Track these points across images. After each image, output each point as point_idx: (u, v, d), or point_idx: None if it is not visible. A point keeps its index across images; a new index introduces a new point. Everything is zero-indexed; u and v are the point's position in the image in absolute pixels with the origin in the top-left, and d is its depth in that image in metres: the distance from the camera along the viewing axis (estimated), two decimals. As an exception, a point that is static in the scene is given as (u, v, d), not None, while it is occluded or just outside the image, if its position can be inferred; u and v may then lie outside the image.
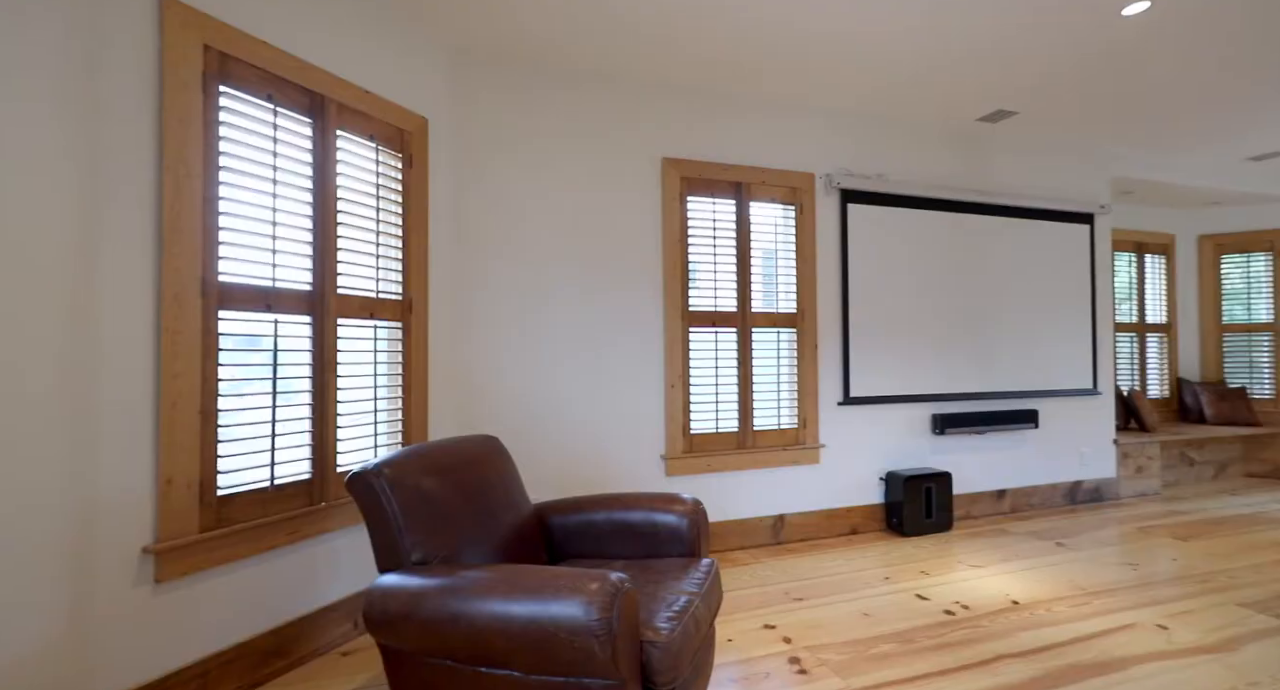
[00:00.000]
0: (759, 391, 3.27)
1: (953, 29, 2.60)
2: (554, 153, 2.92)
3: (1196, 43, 2.75)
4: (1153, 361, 5.17)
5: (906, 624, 2.29)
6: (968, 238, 3.75)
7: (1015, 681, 1.89)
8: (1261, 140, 4.08)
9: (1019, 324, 3.88)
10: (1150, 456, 4.31)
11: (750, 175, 3.23)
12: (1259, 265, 5.12)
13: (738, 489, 3.20)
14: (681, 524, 1.89)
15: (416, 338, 2.47)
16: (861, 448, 3.47)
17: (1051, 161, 4.04)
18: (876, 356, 3.49)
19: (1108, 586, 2.63)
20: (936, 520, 3.41)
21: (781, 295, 3.34)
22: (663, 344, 3.07)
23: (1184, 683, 1.87)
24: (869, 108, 3.46)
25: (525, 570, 1.36)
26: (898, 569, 2.86)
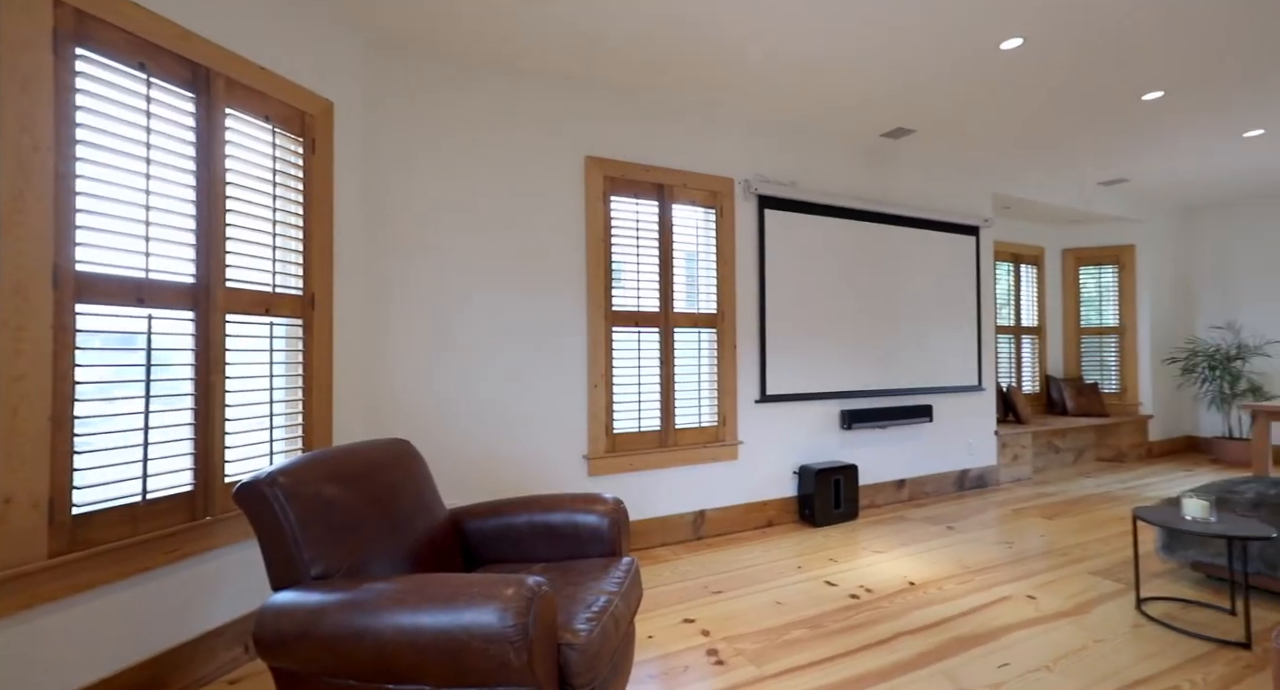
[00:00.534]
0: (680, 390, 3.33)
1: (857, 51, 2.78)
2: (475, 146, 2.82)
3: (1060, 79, 3.10)
4: (1026, 360, 5.78)
5: (816, 610, 2.41)
6: (872, 245, 4.02)
7: (910, 656, 2.04)
8: (1109, 168, 4.68)
9: (916, 326, 4.21)
10: (1024, 445, 4.82)
11: (673, 177, 3.29)
12: (1108, 276, 5.88)
13: (660, 487, 3.24)
14: (602, 524, 1.89)
15: (320, 336, 2.30)
16: (777, 443, 3.63)
17: (944, 177, 4.42)
18: (791, 356, 3.66)
19: (988, 564, 2.91)
20: (844, 510, 3.62)
21: (703, 296, 3.43)
22: (586, 344, 3.06)
23: (1048, 645, 2.10)
24: (785, 118, 3.62)
25: (437, 579, 1.30)
26: (809, 558, 3.02)
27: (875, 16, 2.51)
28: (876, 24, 2.56)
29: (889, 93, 3.26)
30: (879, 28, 2.59)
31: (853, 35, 2.65)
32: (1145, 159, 4.46)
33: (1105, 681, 1.88)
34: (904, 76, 3.06)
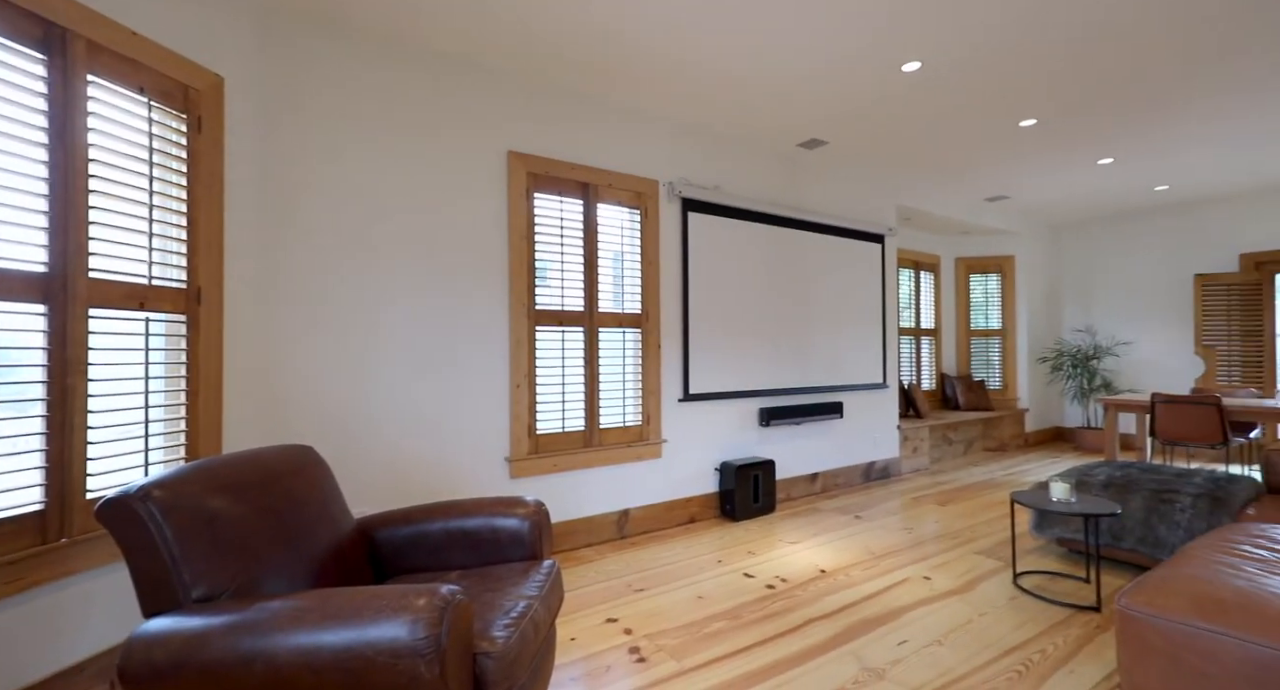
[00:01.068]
0: (605, 390, 3.33)
1: (775, 66, 2.90)
2: (391, 135, 2.67)
3: (953, 101, 3.39)
4: (925, 359, 6.28)
5: (735, 602, 2.49)
6: (789, 249, 4.20)
7: (821, 640, 2.15)
8: (994, 186, 5.17)
9: (829, 327, 4.45)
10: (922, 438, 5.23)
11: (598, 177, 3.28)
12: (993, 283, 6.50)
13: (584, 487, 3.22)
14: (523, 527, 1.85)
15: (208, 333, 2.09)
16: (699, 441, 3.71)
17: (854, 188, 4.71)
18: (714, 355, 3.76)
19: (891, 549, 3.13)
20: (763, 504, 3.77)
21: (627, 296, 3.44)
22: (508, 343, 2.98)
23: (941, 621, 2.29)
24: (710, 125, 3.71)
25: (341, 593, 1.22)
26: (729, 551, 3.11)
27: (791, 37, 2.62)
28: (792, 43, 2.68)
29: (803, 106, 3.42)
30: (795, 47, 2.72)
31: (772, 53, 2.76)
32: (1022, 179, 4.98)
33: (987, 650, 2.07)
34: (816, 92, 3.23)
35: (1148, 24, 2.60)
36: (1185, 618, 1.63)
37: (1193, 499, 2.60)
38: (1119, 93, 3.29)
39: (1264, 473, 2.87)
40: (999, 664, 1.98)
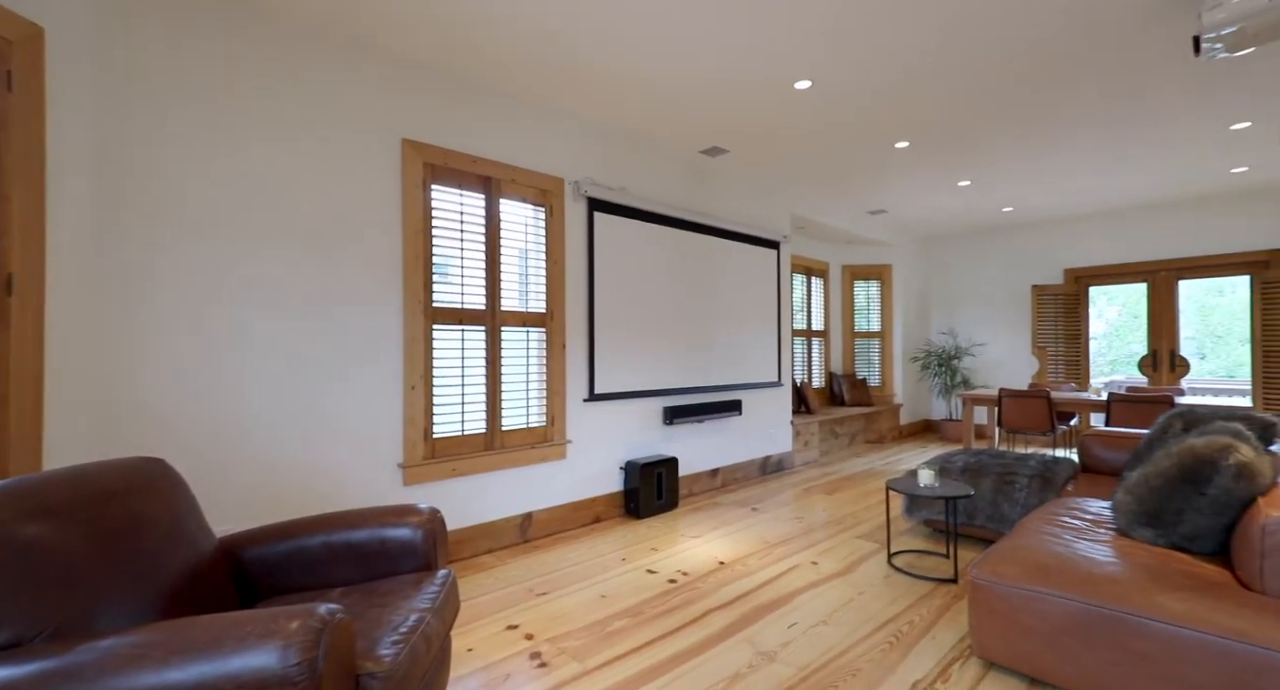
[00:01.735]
0: (508, 391, 3.24)
1: (680, 72, 2.98)
2: (267, 116, 2.42)
3: (840, 119, 3.66)
4: (815, 359, 6.74)
5: (638, 598, 2.52)
6: (693, 252, 4.33)
7: (719, 629, 2.24)
8: (875, 200, 5.67)
9: (729, 328, 4.65)
10: (813, 432, 5.61)
11: (501, 172, 3.18)
12: (874, 290, 7.12)
13: (485, 491, 3.11)
14: (416, 537, 1.75)
15: (21, 330, 1.77)
16: (604, 441, 3.72)
17: (753, 195, 4.95)
18: (619, 355, 3.79)
19: (783, 538, 3.32)
20: (666, 501, 3.85)
21: (532, 295, 3.37)
22: (402, 342, 2.81)
23: (826, 602, 2.47)
24: (617, 125, 3.73)
25: (195, 623, 1.08)
26: (633, 549, 3.14)
27: (697, 46, 2.70)
28: (697, 53, 2.77)
29: (706, 115, 3.54)
30: (699, 56, 2.80)
31: (678, 60, 2.83)
32: (898, 195, 5.50)
33: (865, 625, 2.26)
34: (718, 102, 3.36)
35: (992, 70, 2.96)
36: (1019, 582, 1.87)
37: (1028, 479, 3.00)
38: (974, 124, 3.73)
39: (1080, 455, 3.39)
40: (875, 637, 2.17)
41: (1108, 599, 1.68)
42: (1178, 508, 1.94)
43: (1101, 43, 2.74)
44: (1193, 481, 1.91)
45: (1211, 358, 8.81)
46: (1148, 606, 1.62)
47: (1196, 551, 1.92)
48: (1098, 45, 2.77)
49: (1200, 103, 3.44)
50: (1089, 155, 4.36)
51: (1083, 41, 2.73)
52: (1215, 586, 1.64)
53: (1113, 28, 2.61)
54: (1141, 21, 2.56)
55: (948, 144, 4.10)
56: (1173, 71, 3.04)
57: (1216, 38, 2.17)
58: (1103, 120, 3.68)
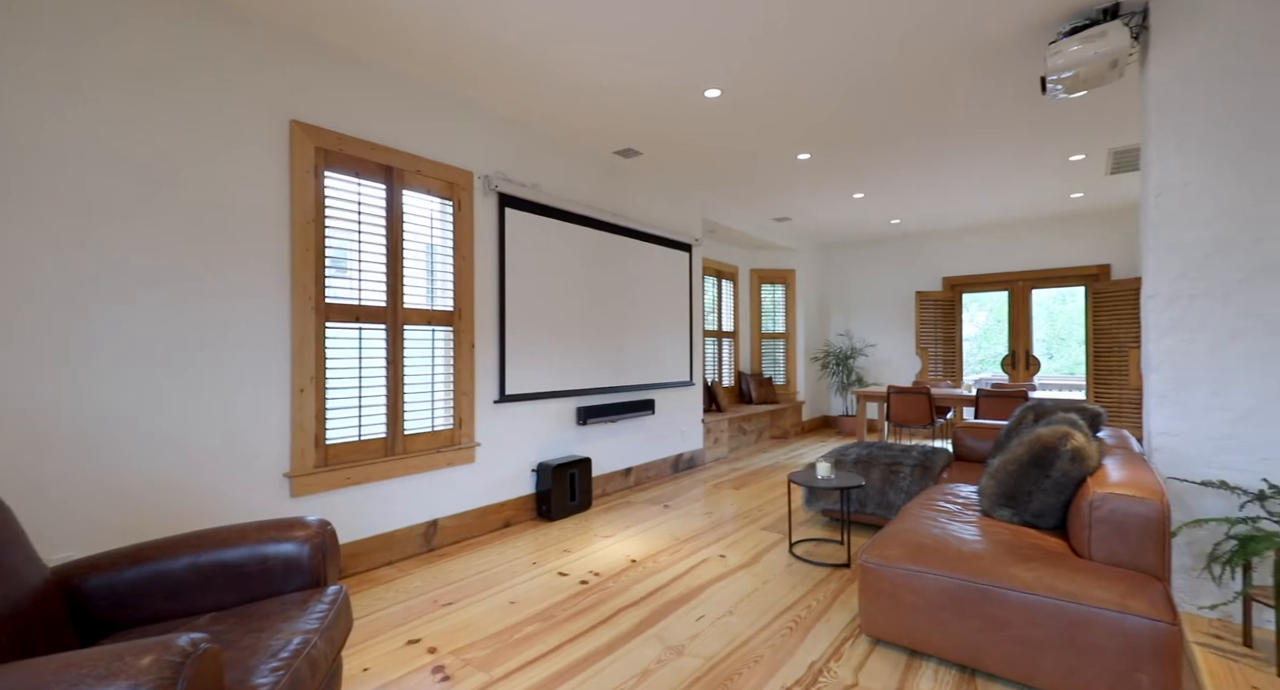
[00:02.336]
0: (411, 393, 3.07)
1: (596, 72, 2.97)
2: (126, 87, 2.12)
3: (747, 128, 3.82)
4: (726, 359, 6.99)
5: (549, 602, 2.48)
6: (607, 252, 4.34)
7: (629, 627, 2.25)
8: (779, 208, 5.98)
9: (644, 328, 4.70)
10: (723, 430, 5.81)
11: (404, 161, 3.01)
12: (779, 293, 7.50)
13: (385, 500, 2.93)
14: (302, 552, 1.61)
15: None
16: (516, 443, 3.63)
17: (666, 198, 5.04)
18: (531, 355, 3.71)
19: (694, 533, 3.41)
20: (579, 502, 3.83)
21: (438, 292, 3.23)
22: (289, 342, 2.58)
23: (732, 593, 2.56)
24: (531, 121, 3.65)
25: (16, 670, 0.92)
26: (544, 552, 3.09)
27: (613, 47, 2.71)
28: (614, 53, 2.77)
29: (620, 116, 3.56)
30: (615, 57, 2.81)
31: (595, 60, 2.82)
32: (800, 204, 5.83)
33: (768, 613, 2.37)
34: (631, 104, 3.39)
35: (878, 96, 3.22)
36: (901, 564, 2.04)
37: (911, 469, 3.29)
38: (865, 142, 4.03)
39: (953, 445, 3.76)
40: (777, 623, 2.28)
41: (973, 574, 1.88)
42: (1028, 489, 2.20)
43: (968, 79, 3.07)
44: (1039, 465, 2.18)
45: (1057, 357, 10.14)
46: (1004, 578, 1.82)
47: (1043, 527, 2.19)
48: (965, 81, 3.09)
49: (1046, 136, 3.94)
50: (960, 176, 4.85)
51: (953, 77, 3.04)
52: (1056, 556, 1.89)
53: (977, 67, 2.93)
54: (1000, 62, 2.89)
55: (843, 159, 4.41)
56: (1025, 107, 3.46)
57: (1058, 80, 2.49)
58: (970, 147, 4.12)
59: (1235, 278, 2.26)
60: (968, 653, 1.87)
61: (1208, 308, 2.31)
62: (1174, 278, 2.37)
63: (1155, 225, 2.41)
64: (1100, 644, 1.65)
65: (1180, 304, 2.36)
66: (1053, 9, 2.47)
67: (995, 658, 1.82)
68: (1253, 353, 2.23)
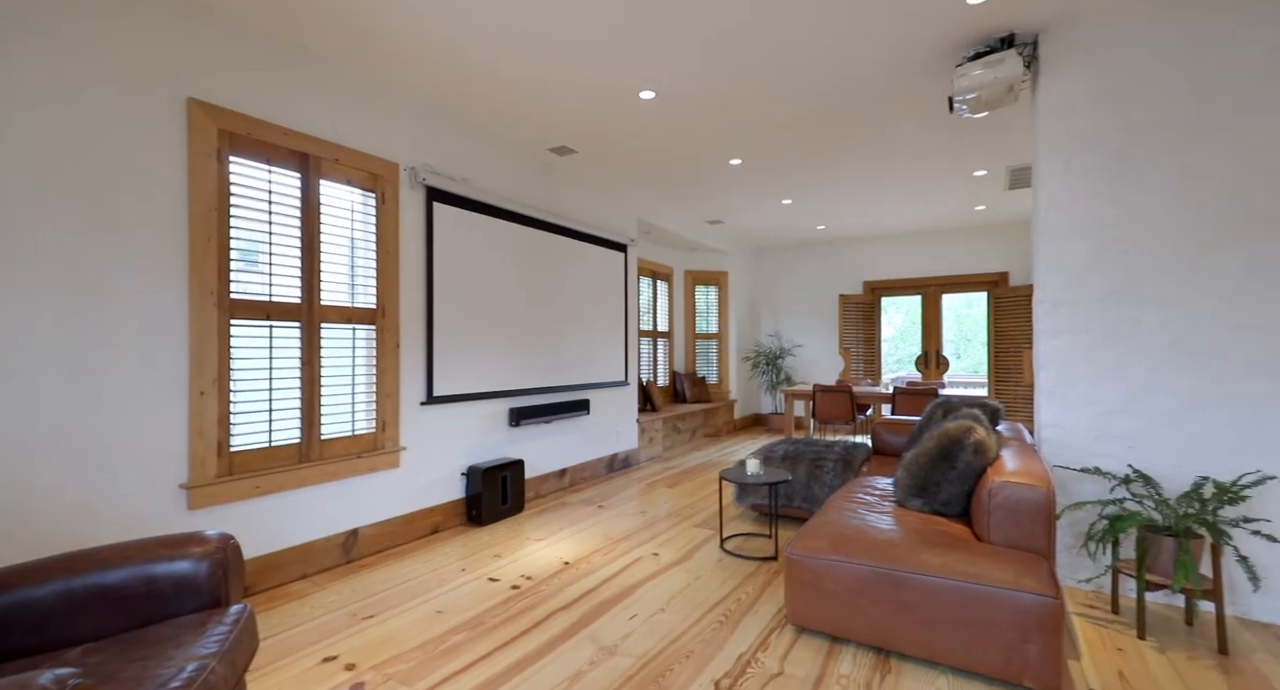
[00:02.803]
0: (329, 395, 2.89)
1: (530, 66, 2.91)
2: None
3: (682, 132, 3.88)
4: (660, 359, 7.06)
5: (478, 609, 2.41)
6: (541, 251, 4.28)
7: (561, 630, 2.23)
8: (713, 210, 6.11)
9: (579, 328, 4.67)
10: (657, 429, 5.87)
11: (322, 149, 2.84)
12: (712, 294, 7.67)
13: (299, 509, 2.75)
14: (199, 570, 1.48)
15: None
16: (444, 446, 3.51)
17: (602, 198, 5.03)
18: (461, 355, 3.59)
19: (627, 533, 3.42)
20: (511, 505, 3.74)
21: (360, 288, 3.06)
22: (187, 340, 2.36)
23: (665, 591, 2.59)
24: (462, 113, 3.53)
25: None
26: (474, 558, 3.00)
27: (549, 42, 2.67)
28: (548, 48, 2.73)
29: (555, 113, 3.52)
30: (550, 52, 2.77)
31: (530, 54, 2.76)
32: (733, 208, 5.98)
33: (699, 608, 2.41)
34: (566, 101, 3.35)
35: (805, 107, 3.36)
36: (823, 554, 2.13)
37: (834, 463, 3.45)
38: (792, 151, 4.20)
39: (872, 440, 3.99)
40: (708, 618, 2.33)
41: (888, 561, 1.99)
42: (937, 480, 2.37)
43: (886, 95, 3.26)
44: (947, 458, 2.34)
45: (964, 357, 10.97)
46: (914, 563, 1.95)
47: (950, 514, 2.36)
48: (884, 97, 3.28)
49: (954, 152, 4.26)
50: (879, 186, 5.15)
51: (872, 93, 3.22)
52: (960, 541, 2.04)
53: (894, 84, 3.12)
54: (915, 81, 3.09)
55: (773, 166, 4.56)
56: (936, 125, 3.72)
57: (964, 100, 2.69)
58: (887, 159, 4.38)
59: (1108, 286, 2.53)
60: (882, 635, 1.98)
61: (1086, 313, 2.57)
62: (1059, 285, 2.62)
63: (1044, 238, 2.66)
64: (996, 620, 1.80)
65: (1064, 309, 2.61)
66: (959, 35, 2.67)
67: (906, 638, 1.94)
68: (1121, 354, 2.50)
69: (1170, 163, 2.42)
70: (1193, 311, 2.38)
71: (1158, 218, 2.44)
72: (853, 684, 1.86)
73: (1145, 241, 2.46)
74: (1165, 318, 2.42)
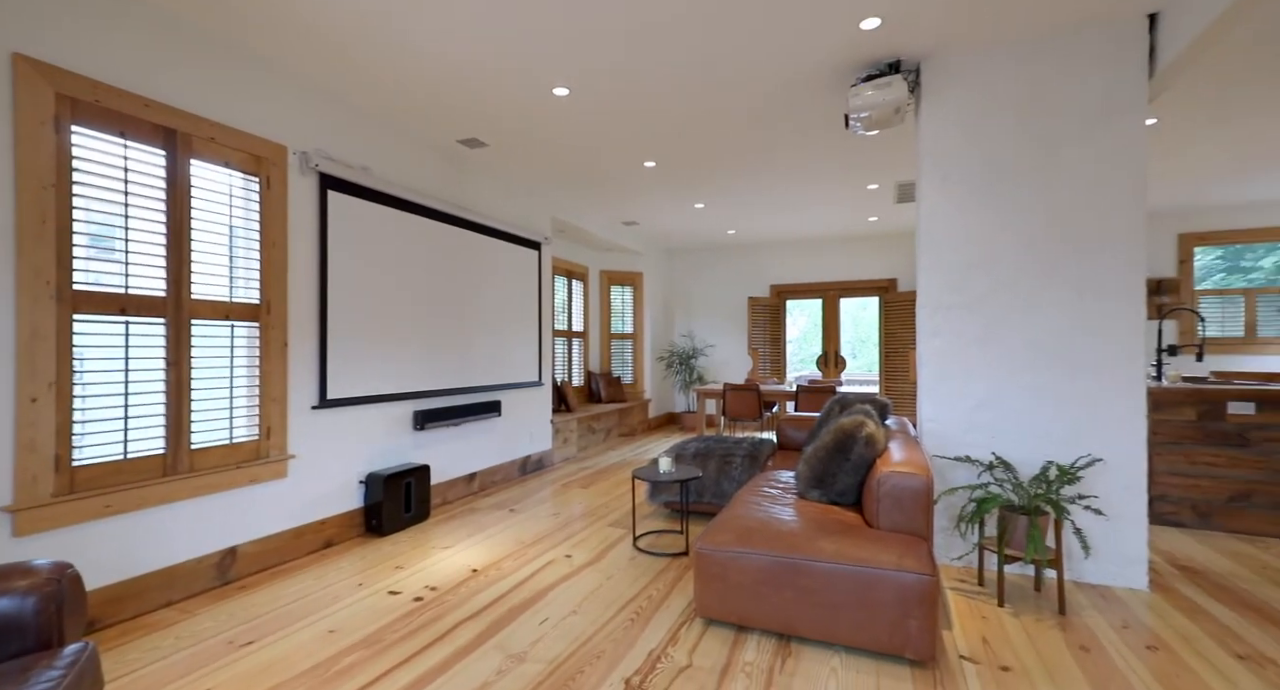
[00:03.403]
0: (202, 400, 2.59)
1: (434, 54, 2.77)
2: None
3: (597, 130, 3.87)
4: (575, 358, 7.01)
5: (376, 625, 2.26)
6: (450, 247, 4.09)
7: (468, 641, 2.14)
8: (628, 211, 6.16)
9: (488, 327, 4.52)
10: (572, 429, 5.81)
11: (193, 125, 2.53)
12: (628, 295, 7.73)
13: (164, 528, 2.44)
14: (24, 607, 1.27)
15: None
16: (340, 453, 3.26)
17: (515, 194, 4.90)
18: (359, 356, 3.36)
19: (540, 536, 3.35)
20: (416, 513, 3.55)
21: (241, 282, 2.77)
22: (13, 338, 2.02)
23: (577, 592, 2.56)
24: (363, 97, 3.29)
25: None
26: (373, 571, 2.82)
27: (456, 30, 2.55)
28: (457, 38, 2.61)
29: (465, 103, 3.38)
30: (459, 43, 2.65)
31: (437, 41, 2.62)
32: (647, 209, 6.06)
33: (611, 607, 2.41)
34: (477, 92, 3.23)
35: (714, 117, 3.48)
36: (730, 547, 2.20)
37: (741, 459, 3.59)
38: (704, 157, 4.32)
39: (777, 435, 4.19)
40: (620, 617, 2.33)
41: (788, 550, 2.10)
42: (834, 472, 2.53)
43: (789, 109, 3.43)
44: (842, 450, 2.51)
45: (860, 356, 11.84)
46: (812, 551, 2.07)
47: (845, 504, 2.53)
48: (787, 110, 3.45)
49: (850, 166, 4.57)
50: (784, 195, 5.43)
51: (776, 105, 3.38)
52: (853, 528, 2.19)
53: (797, 99, 3.29)
54: (815, 97, 3.29)
55: (685, 170, 4.67)
56: (834, 140, 3.98)
57: (858, 118, 2.90)
58: (792, 169, 4.63)
59: (978, 294, 2.82)
60: (784, 621, 2.08)
61: (960, 317, 2.85)
62: (938, 292, 2.89)
63: (925, 248, 2.92)
64: (883, 599, 1.95)
65: (941, 313, 2.88)
66: (854, 57, 2.86)
67: (805, 622, 2.05)
68: (987, 354, 2.80)
69: (1013, 190, 2.74)
70: (1041, 318, 2.71)
71: (1013, 235, 2.75)
72: (756, 670, 1.94)
73: (1006, 256, 2.77)
74: (1021, 323, 2.74)
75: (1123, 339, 2.59)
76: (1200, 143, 4.04)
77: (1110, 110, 2.59)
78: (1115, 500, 2.60)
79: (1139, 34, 2.54)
